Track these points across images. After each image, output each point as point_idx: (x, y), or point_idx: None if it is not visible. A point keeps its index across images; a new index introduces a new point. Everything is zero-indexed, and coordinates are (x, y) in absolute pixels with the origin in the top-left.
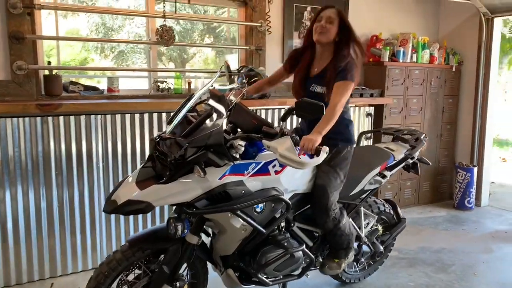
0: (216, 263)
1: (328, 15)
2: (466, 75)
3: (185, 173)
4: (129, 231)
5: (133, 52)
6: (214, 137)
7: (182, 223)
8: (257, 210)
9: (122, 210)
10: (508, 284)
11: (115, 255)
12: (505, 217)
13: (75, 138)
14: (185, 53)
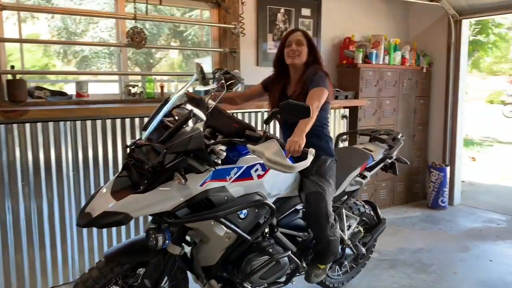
0: (197, 274)
1: (297, 38)
2: (436, 76)
3: (164, 181)
4: (102, 244)
5: (97, 57)
6: (194, 141)
7: (163, 234)
8: (241, 217)
9: (97, 222)
10: (487, 281)
11: (91, 273)
12: (477, 215)
13: (43, 146)
14: (151, 58)
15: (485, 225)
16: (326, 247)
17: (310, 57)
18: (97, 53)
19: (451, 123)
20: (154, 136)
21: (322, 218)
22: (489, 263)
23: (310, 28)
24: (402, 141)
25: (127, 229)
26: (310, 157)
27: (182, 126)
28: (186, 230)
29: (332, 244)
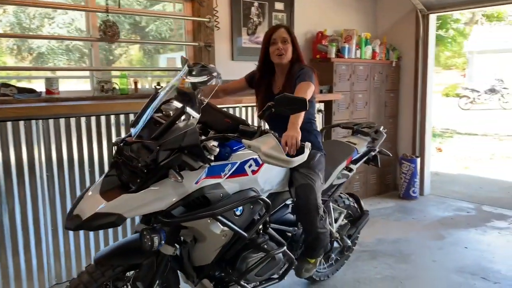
0: (188, 274)
1: (282, 36)
2: (405, 70)
3: (157, 179)
4: (79, 247)
5: (54, 53)
6: (189, 137)
7: (158, 234)
8: (237, 214)
9: (88, 225)
10: (465, 267)
11: (81, 278)
12: (447, 204)
13: (14, 147)
14: (111, 54)
15: (456, 214)
16: (316, 240)
17: (294, 54)
18: (53, 49)
19: (420, 115)
20: (144, 133)
21: (312, 210)
22: (464, 250)
23: (284, 22)
24: (384, 133)
25: (106, 232)
26: (307, 151)
27: (175, 121)
28: (179, 230)
29: (322, 236)
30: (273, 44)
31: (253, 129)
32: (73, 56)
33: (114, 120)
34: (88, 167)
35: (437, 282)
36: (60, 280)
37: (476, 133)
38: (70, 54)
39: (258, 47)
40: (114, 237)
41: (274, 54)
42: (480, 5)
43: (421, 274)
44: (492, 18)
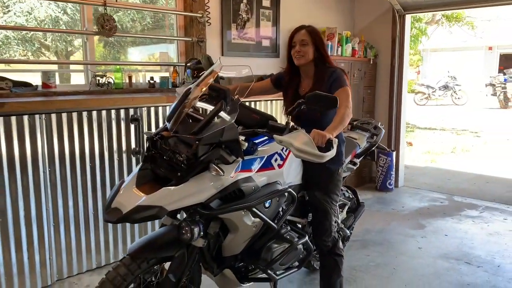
0: (207, 265)
1: (301, 38)
2: (381, 67)
3: (196, 173)
4: (80, 243)
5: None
6: (228, 133)
7: (198, 226)
8: (266, 206)
9: (131, 218)
10: (448, 253)
11: (118, 270)
12: (421, 195)
13: (18, 141)
14: (70, 46)
15: (431, 204)
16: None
17: (317, 55)
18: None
19: (396, 111)
20: (179, 127)
21: (323, 232)
22: (445, 237)
23: (270, 18)
24: (383, 129)
25: (105, 229)
26: (335, 146)
27: (214, 117)
28: (210, 222)
29: (336, 260)
30: (293, 47)
31: (282, 125)
32: (29, 47)
33: (114, 115)
34: (89, 162)
35: (426, 267)
36: (61, 276)
37: (435, 128)
38: (27, 44)
39: (247, 43)
40: (113, 232)
41: (294, 57)
42: (452, 7)
43: (410, 261)
44: (451, 19)
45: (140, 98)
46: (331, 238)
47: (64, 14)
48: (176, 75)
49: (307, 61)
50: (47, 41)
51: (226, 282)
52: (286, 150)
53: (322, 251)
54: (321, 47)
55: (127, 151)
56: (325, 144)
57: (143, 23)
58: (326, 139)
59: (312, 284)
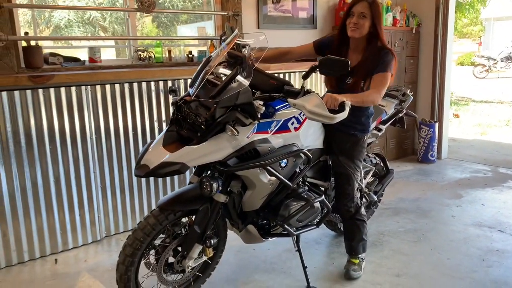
0: (233, 221)
1: (360, 10)
2: (424, 37)
3: (214, 134)
4: (125, 204)
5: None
6: (243, 96)
7: (217, 181)
8: (282, 165)
9: (157, 172)
10: (482, 222)
11: (148, 220)
12: (464, 166)
13: (67, 111)
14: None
15: (472, 175)
16: (351, 228)
17: (372, 30)
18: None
19: (439, 81)
20: (200, 92)
21: (346, 197)
22: (481, 207)
23: None
24: (411, 96)
25: (148, 191)
26: (347, 108)
27: (230, 82)
28: (230, 180)
29: (359, 228)
30: (351, 16)
31: (297, 90)
32: (88, 29)
33: (154, 87)
34: (131, 130)
35: (456, 234)
36: (109, 233)
37: (492, 101)
38: (87, 27)
39: (283, 15)
40: (155, 195)
41: (348, 26)
42: None
43: (441, 228)
44: None
45: (177, 70)
46: (353, 204)
47: None
48: (213, 48)
49: (361, 35)
50: (105, 23)
51: (250, 237)
52: (303, 115)
53: (344, 216)
54: (378, 24)
55: (166, 120)
56: (338, 107)
57: (194, 2)
58: (338, 102)
59: (339, 246)
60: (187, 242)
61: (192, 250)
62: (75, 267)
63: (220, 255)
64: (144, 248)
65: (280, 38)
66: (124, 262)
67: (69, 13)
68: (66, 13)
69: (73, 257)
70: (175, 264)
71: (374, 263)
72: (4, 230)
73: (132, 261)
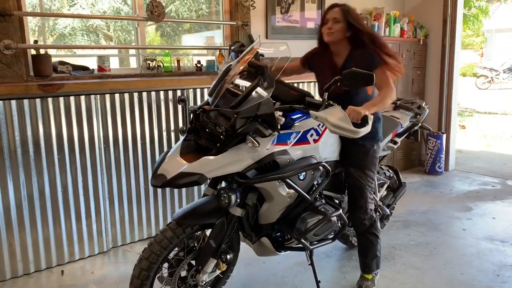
0: (246, 233)
1: (333, 16)
2: (432, 48)
3: (234, 144)
4: (133, 214)
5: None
6: (264, 107)
7: (235, 194)
8: (300, 178)
9: (174, 183)
10: (494, 235)
11: (165, 233)
12: (472, 179)
13: (76, 120)
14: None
15: (481, 188)
16: (365, 243)
17: (352, 33)
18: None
19: (447, 93)
20: (220, 102)
21: (359, 210)
22: (492, 220)
23: (315, 1)
24: (427, 109)
25: (155, 201)
26: (370, 122)
27: (251, 92)
28: (248, 192)
29: (372, 244)
30: (325, 24)
31: (318, 101)
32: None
33: (163, 96)
34: (140, 140)
35: (468, 248)
36: (116, 244)
37: (496, 112)
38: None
39: (291, 26)
40: (163, 206)
41: (324, 33)
42: None
43: (453, 241)
44: None
45: (186, 80)
46: (367, 216)
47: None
48: (221, 58)
49: (337, 38)
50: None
51: (264, 249)
52: (323, 126)
53: (359, 230)
54: (356, 25)
55: (175, 130)
56: (360, 121)
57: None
58: (361, 115)
59: (350, 259)
60: (202, 257)
61: (207, 265)
62: (81, 279)
63: (232, 269)
64: (160, 262)
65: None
66: (139, 276)
67: (73, 21)
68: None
69: (80, 269)
70: (189, 278)
71: (387, 277)
72: (10, 240)
73: (147, 275)
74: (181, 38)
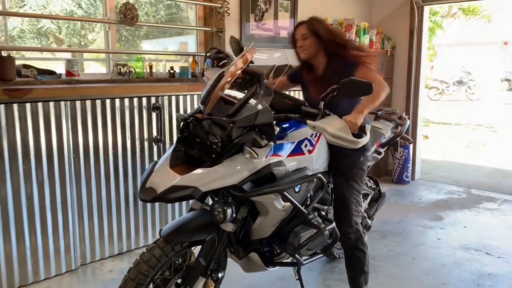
0: (233, 249)
1: (301, 33)
2: (398, 60)
3: (230, 155)
4: (103, 229)
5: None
6: (262, 116)
7: (231, 207)
8: (296, 190)
9: (165, 197)
10: (468, 244)
11: (152, 251)
12: (438, 187)
13: (44, 128)
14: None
15: (448, 197)
16: (351, 259)
17: (323, 43)
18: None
19: (413, 103)
20: (214, 110)
21: (344, 222)
22: (463, 229)
23: (288, 9)
24: (408, 119)
25: (127, 215)
26: (368, 132)
27: (248, 100)
28: (240, 206)
29: (359, 259)
30: (297, 43)
31: (315, 111)
32: (44, 41)
33: (137, 103)
34: (112, 149)
35: (446, 257)
36: (85, 261)
37: (450, 123)
38: (41, 38)
39: (265, 34)
40: (135, 220)
41: (298, 52)
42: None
43: (430, 251)
44: (468, 12)
45: (161, 86)
46: (352, 230)
47: (79, 8)
48: (195, 65)
49: (311, 53)
50: (61, 34)
51: (252, 265)
52: (316, 136)
53: (345, 244)
54: (326, 36)
55: (149, 139)
56: (357, 131)
57: (157, 17)
58: (357, 126)
59: (333, 272)
60: (191, 276)
61: (196, 284)
62: None
63: (218, 286)
64: (148, 282)
65: (259, 56)
66: None
67: (22, 22)
68: (19, 22)
69: None
70: None
71: None
72: None
73: None
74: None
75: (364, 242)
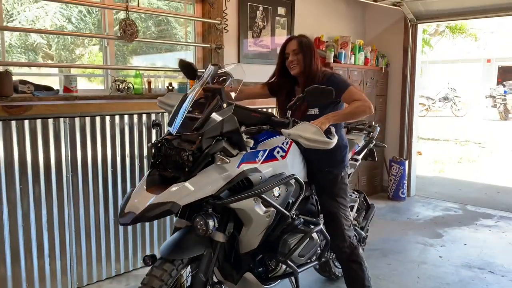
0: (226, 274)
1: (292, 48)
2: (393, 77)
3: (203, 167)
4: (101, 251)
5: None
6: (228, 124)
7: (212, 218)
8: (275, 195)
9: (145, 216)
10: (470, 262)
11: (154, 273)
12: (434, 204)
13: (43, 145)
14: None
15: (445, 213)
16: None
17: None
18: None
19: (408, 120)
20: (181, 129)
21: (337, 237)
22: (464, 246)
23: (285, 26)
24: (377, 126)
25: (125, 235)
26: (334, 133)
27: (212, 113)
28: (228, 216)
29: (357, 272)
30: (287, 57)
31: (284, 120)
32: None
33: (136, 120)
34: (111, 167)
35: (450, 276)
36: (81, 284)
37: (438, 139)
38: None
39: (262, 51)
40: (133, 241)
41: (289, 67)
42: (466, 17)
43: (433, 269)
44: (455, 30)
45: None
46: (346, 244)
47: (69, 23)
48: (193, 81)
49: (301, 69)
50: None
51: (249, 287)
52: (287, 144)
53: (340, 258)
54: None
55: (148, 156)
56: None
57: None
58: (323, 129)
59: None
60: None
61: None
62: None
63: None
64: None
65: (256, 73)
66: None
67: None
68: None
69: None
70: None
71: None
72: None
73: None
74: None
75: (359, 254)
